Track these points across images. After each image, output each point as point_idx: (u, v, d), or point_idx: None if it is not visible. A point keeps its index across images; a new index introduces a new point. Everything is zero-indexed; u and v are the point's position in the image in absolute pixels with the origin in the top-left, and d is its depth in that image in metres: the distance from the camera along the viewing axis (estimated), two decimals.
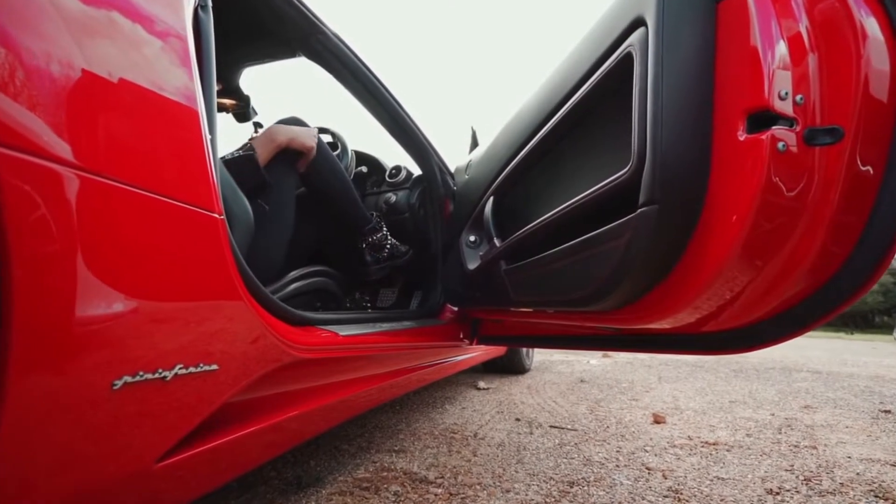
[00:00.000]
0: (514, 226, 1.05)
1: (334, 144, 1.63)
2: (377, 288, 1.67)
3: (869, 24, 0.55)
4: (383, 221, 1.48)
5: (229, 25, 1.05)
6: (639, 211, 0.64)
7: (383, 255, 1.41)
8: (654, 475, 1.12)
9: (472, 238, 1.30)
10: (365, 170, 1.78)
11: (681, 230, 0.63)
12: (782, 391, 2.33)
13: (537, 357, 3.41)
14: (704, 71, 0.61)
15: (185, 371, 0.51)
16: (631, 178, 0.65)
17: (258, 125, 1.39)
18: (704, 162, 0.60)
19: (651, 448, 1.33)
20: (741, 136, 0.56)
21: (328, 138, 1.64)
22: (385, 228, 1.44)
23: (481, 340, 1.55)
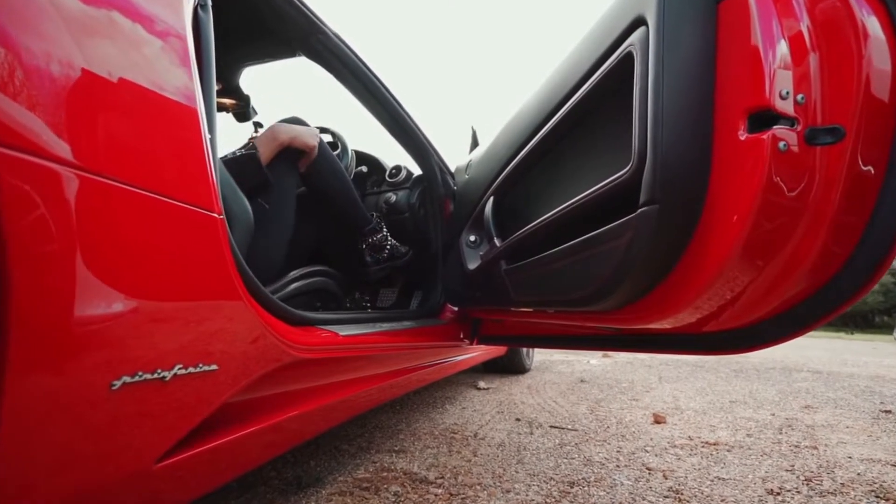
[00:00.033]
0: (515, 226, 1.05)
1: (334, 144, 1.63)
2: (377, 288, 1.67)
3: (870, 24, 0.55)
4: (383, 222, 1.48)
5: (229, 25, 1.05)
6: (639, 211, 0.63)
7: (383, 256, 1.41)
8: (655, 475, 1.12)
9: (473, 238, 1.29)
10: (365, 169, 1.78)
11: (681, 230, 0.62)
12: (783, 391, 2.33)
13: (537, 357, 3.41)
14: (705, 70, 0.61)
15: (185, 371, 0.51)
16: (631, 178, 0.65)
17: (258, 125, 1.39)
18: (705, 162, 0.60)
19: (651, 448, 1.32)
20: (742, 136, 0.56)
21: (328, 138, 1.64)
22: (385, 229, 1.43)
23: (481, 340, 1.55)
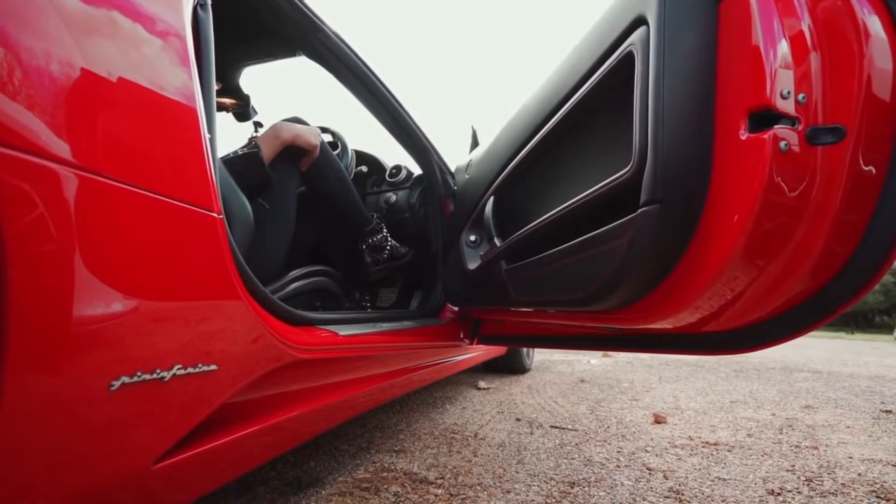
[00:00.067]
0: (515, 225, 1.05)
1: (334, 144, 1.63)
2: (377, 288, 1.67)
3: (871, 23, 0.55)
4: (383, 222, 1.48)
5: (229, 24, 1.04)
6: (640, 210, 0.63)
7: (383, 257, 1.41)
8: (655, 476, 1.11)
9: (473, 238, 1.29)
10: (365, 169, 1.77)
11: (682, 230, 0.62)
12: (783, 391, 2.33)
13: (537, 357, 3.41)
14: (706, 70, 0.60)
15: (184, 371, 0.50)
16: (632, 178, 0.65)
17: (258, 124, 1.39)
18: (706, 161, 0.60)
19: (652, 448, 1.32)
20: (743, 136, 0.56)
21: (328, 137, 1.64)
22: (385, 230, 1.43)
23: (482, 340, 1.55)
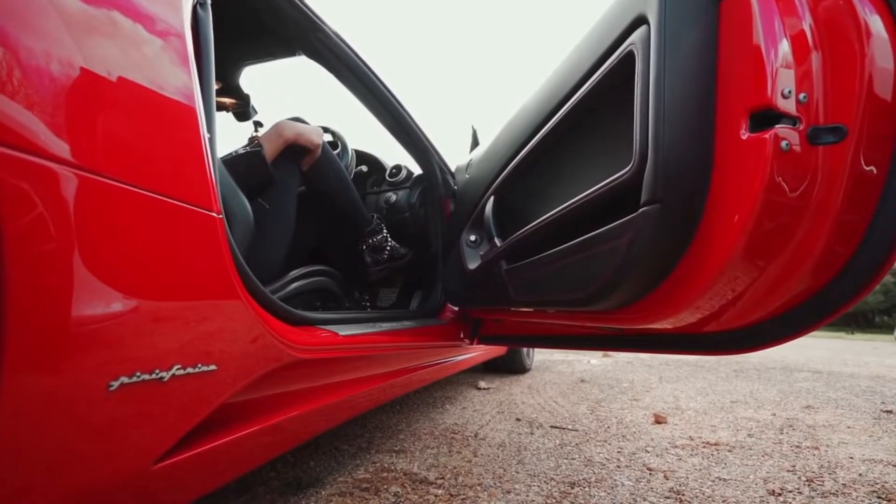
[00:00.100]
0: (515, 225, 1.05)
1: (334, 143, 1.63)
2: (377, 288, 1.67)
3: (873, 22, 0.55)
4: (383, 222, 1.48)
5: (229, 24, 1.04)
6: (641, 210, 0.63)
7: (383, 257, 1.41)
8: (656, 476, 1.11)
9: (473, 238, 1.29)
10: (365, 169, 1.77)
11: (683, 230, 0.62)
12: (783, 391, 2.33)
13: (537, 357, 3.41)
14: (707, 69, 0.60)
15: (183, 371, 0.50)
16: (633, 177, 0.65)
17: (258, 124, 1.39)
18: (707, 161, 0.60)
19: (652, 448, 1.32)
20: (744, 135, 0.56)
21: (328, 137, 1.64)
22: (385, 230, 1.43)
23: (482, 340, 1.55)
